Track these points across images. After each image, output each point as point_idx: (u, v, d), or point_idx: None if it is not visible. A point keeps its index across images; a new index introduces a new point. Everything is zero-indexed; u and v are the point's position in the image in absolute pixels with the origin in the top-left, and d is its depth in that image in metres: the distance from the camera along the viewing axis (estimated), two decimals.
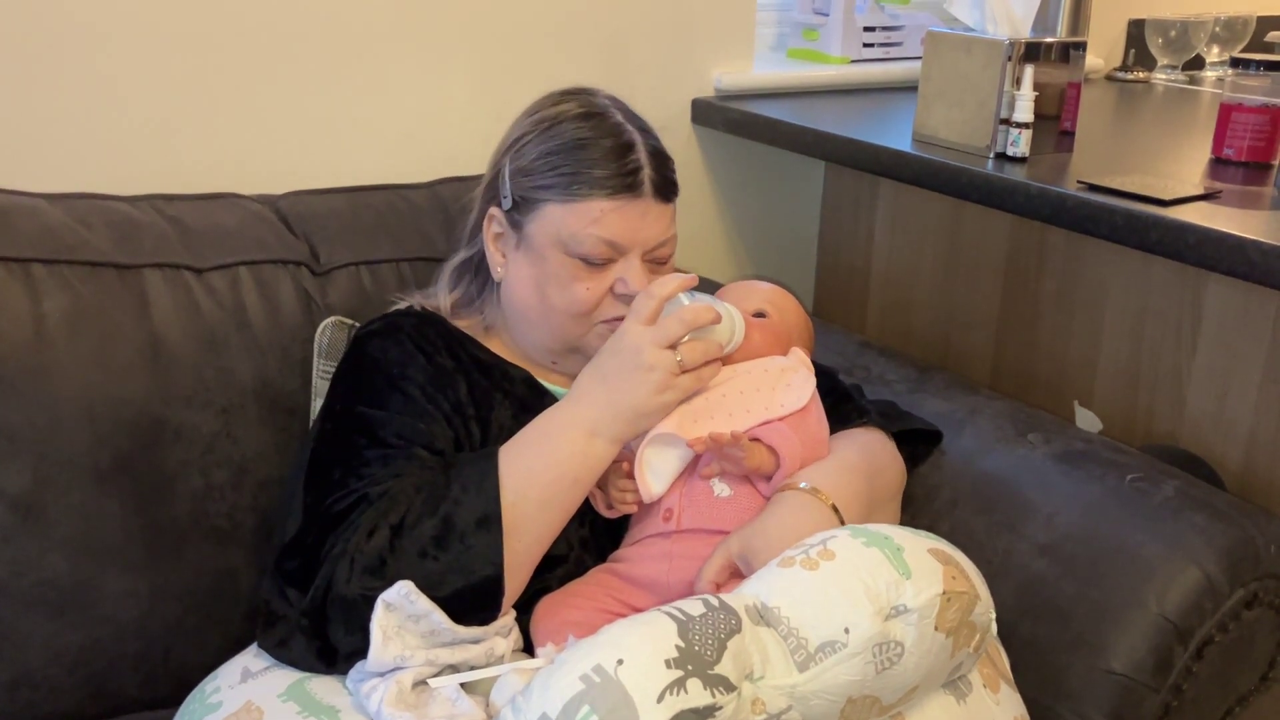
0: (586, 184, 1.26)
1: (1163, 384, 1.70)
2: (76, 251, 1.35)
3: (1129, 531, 1.28)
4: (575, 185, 1.26)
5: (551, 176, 1.27)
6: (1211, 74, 2.54)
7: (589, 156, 1.27)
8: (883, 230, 2.14)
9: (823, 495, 1.19)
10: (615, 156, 1.27)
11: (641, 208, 1.28)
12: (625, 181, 1.26)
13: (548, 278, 1.29)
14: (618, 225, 1.26)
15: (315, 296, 1.49)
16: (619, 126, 1.30)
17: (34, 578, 1.27)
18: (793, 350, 1.33)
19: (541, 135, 1.30)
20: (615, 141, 1.28)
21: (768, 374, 1.28)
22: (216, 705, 1.14)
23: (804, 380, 1.28)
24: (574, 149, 1.27)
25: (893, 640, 1.00)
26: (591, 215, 1.26)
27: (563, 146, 1.28)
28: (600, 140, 1.28)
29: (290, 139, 1.73)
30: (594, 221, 1.26)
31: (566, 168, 1.27)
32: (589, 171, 1.26)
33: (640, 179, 1.27)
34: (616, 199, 1.26)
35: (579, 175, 1.26)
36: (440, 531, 1.13)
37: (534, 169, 1.29)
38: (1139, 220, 1.45)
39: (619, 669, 0.91)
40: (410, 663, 1.08)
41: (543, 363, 1.36)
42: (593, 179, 1.26)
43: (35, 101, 1.56)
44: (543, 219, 1.28)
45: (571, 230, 1.26)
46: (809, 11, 2.33)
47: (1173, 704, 1.24)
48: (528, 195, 1.29)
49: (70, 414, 1.29)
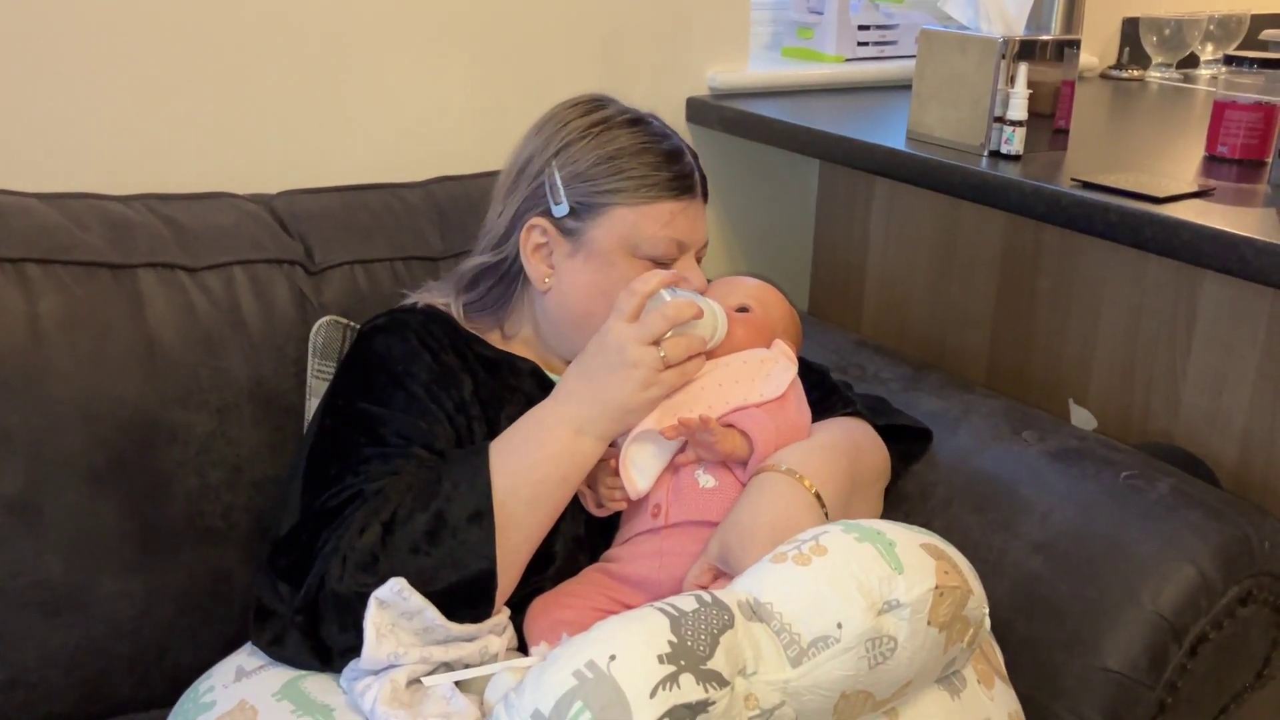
0: (657, 186, 1.29)
1: (1158, 382, 1.70)
2: (71, 251, 1.35)
3: (1124, 529, 1.29)
4: (644, 189, 1.29)
5: (620, 180, 1.29)
6: (1206, 72, 2.54)
7: (653, 160, 1.30)
8: (878, 229, 2.14)
9: (800, 476, 1.19)
10: (673, 160, 1.31)
11: (696, 208, 1.34)
12: (686, 184, 1.31)
13: (615, 282, 1.28)
14: (684, 225, 1.31)
15: (310, 296, 1.49)
16: (664, 130, 1.35)
17: (29, 578, 1.27)
18: (775, 342, 1.33)
19: (593, 141, 1.31)
20: (670, 145, 1.32)
21: (747, 365, 1.28)
22: (210, 704, 1.14)
23: (784, 370, 1.29)
24: (635, 153, 1.30)
25: (886, 635, 1.00)
26: (663, 217, 1.29)
27: (623, 151, 1.30)
28: (657, 144, 1.31)
29: (285, 138, 1.73)
30: (666, 224, 1.30)
31: (634, 171, 1.29)
32: (656, 174, 1.29)
33: (694, 181, 1.33)
34: (681, 200, 1.31)
35: (648, 178, 1.29)
36: (432, 527, 1.13)
37: (594, 174, 1.29)
38: (1133, 218, 1.45)
39: (612, 665, 0.91)
40: (404, 660, 1.08)
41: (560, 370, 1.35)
42: (662, 181, 1.29)
43: (29, 101, 1.56)
44: (610, 223, 1.29)
45: (646, 232, 1.29)
46: (804, 10, 2.33)
47: (1168, 701, 1.24)
48: (590, 200, 1.29)
49: (65, 414, 1.29)
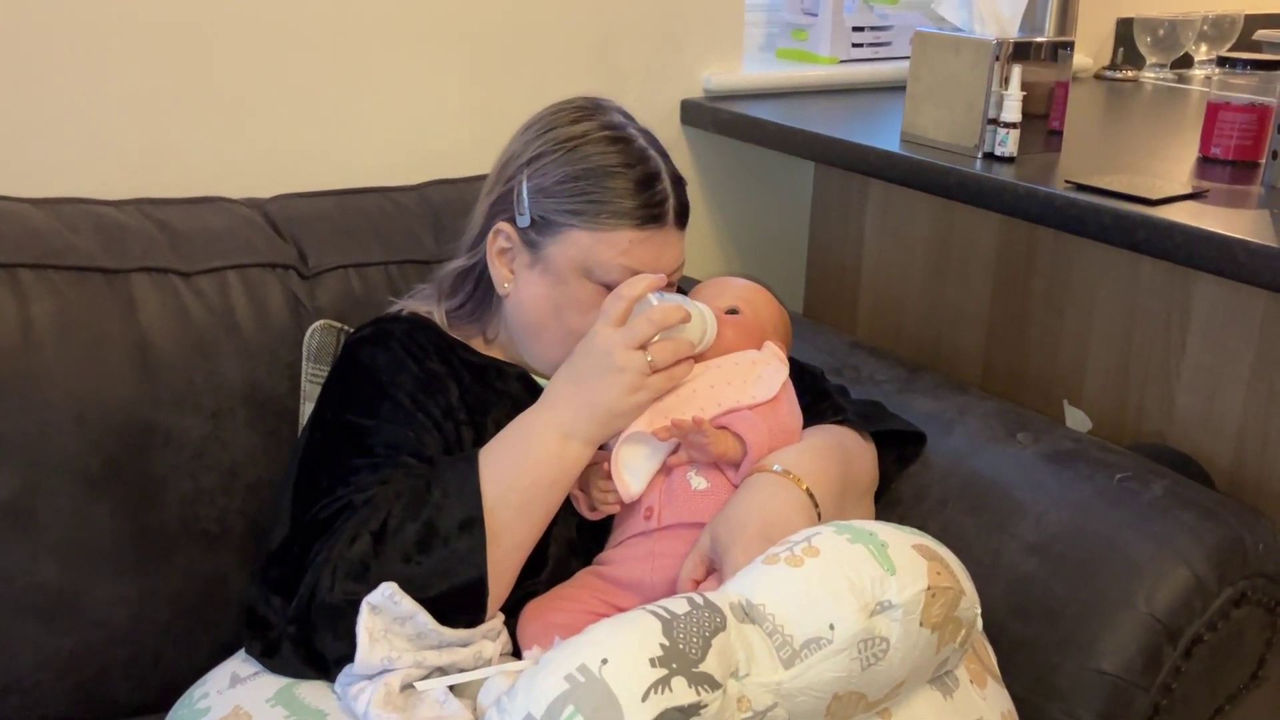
0: (616, 214, 1.24)
1: (1152, 383, 1.70)
2: (64, 256, 1.35)
3: (1118, 531, 1.29)
4: (604, 215, 1.24)
5: (579, 202, 1.25)
6: (1200, 73, 2.54)
7: (618, 185, 1.25)
8: (872, 230, 2.14)
9: (794, 476, 1.19)
10: (644, 187, 1.25)
11: (664, 237, 1.27)
12: (653, 213, 1.26)
13: (567, 301, 1.28)
14: (644, 255, 1.26)
15: (304, 300, 1.49)
16: (644, 153, 1.28)
17: (24, 583, 1.27)
18: (766, 344, 1.33)
19: (565, 156, 1.27)
20: (644, 171, 1.26)
21: (738, 367, 1.28)
22: (205, 710, 1.14)
23: (775, 372, 1.28)
24: (602, 176, 1.25)
25: (878, 636, 1.00)
26: (620, 246, 1.25)
27: (590, 172, 1.25)
28: (631, 169, 1.26)
29: (278, 142, 1.73)
30: (622, 252, 1.25)
31: (595, 195, 1.25)
32: (619, 201, 1.24)
33: (666, 209, 1.27)
34: (644, 230, 1.25)
35: (609, 205, 1.24)
36: (423, 536, 1.13)
37: (558, 191, 1.26)
38: (1126, 220, 1.45)
39: (603, 668, 0.91)
40: (398, 664, 1.08)
41: (544, 374, 1.34)
42: (623, 209, 1.24)
43: (21, 106, 1.56)
44: (566, 243, 1.26)
45: (599, 258, 1.25)
46: (798, 12, 2.33)
47: (1162, 703, 1.24)
48: (550, 217, 1.27)
49: (59, 419, 1.29)
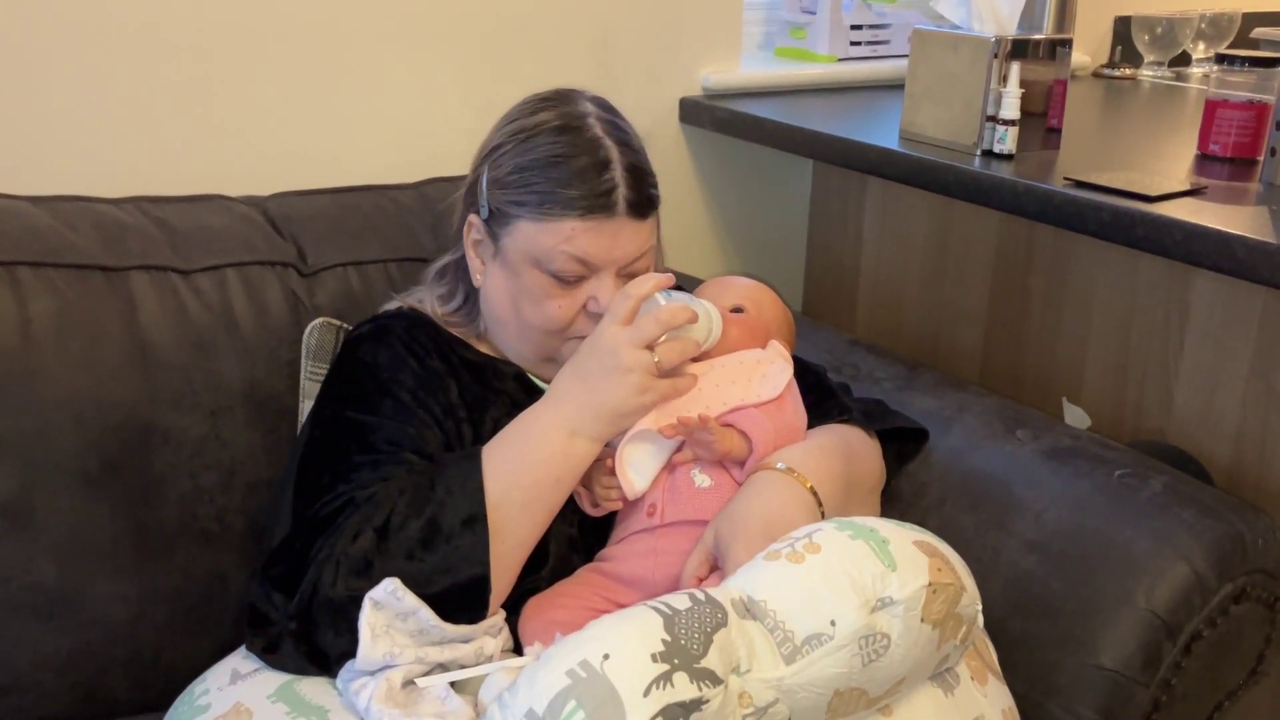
0: (559, 204, 1.23)
1: (1150, 380, 1.70)
2: (63, 254, 1.35)
3: (1117, 527, 1.29)
4: (548, 204, 1.23)
5: (525, 193, 1.25)
6: (1197, 70, 2.54)
7: (562, 175, 1.23)
8: (871, 228, 2.14)
9: (798, 475, 1.19)
10: (589, 176, 1.23)
11: (615, 227, 1.24)
12: (599, 202, 1.23)
13: (522, 292, 1.27)
14: (590, 244, 1.24)
15: (303, 298, 1.49)
16: (595, 142, 1.25)
17: (23, 582, 1.27)
18: (770, 342, 1.33)
19: (518, 147, 1.27)
20: (590, 159, 1.24)
21: (743, 365, 1.28)
22: (205, 707, 1.14)
23: (780, 371, 1.29)
24: (547, 166, 1.24)
25: (879, 632, 1.01)
26: (563, 234, 1.23)
27: (537, 162, 1.25)
28: (575, 158, 1.24)
29: (277, 140, 1.73)
30: (566, 240, 1.23)
31: (539, 185, 1.24)
32: (562, 191, 1.23)
33: (614, 199, 1.24)
34: (589, 219, 1.23)
35: (552, 194, 1.23)
36: (426, 533, 1.13)
37: (509, 183, 1.26)
38: (1125, 217, 1.45)
39: (605, 664, 0.91)
40: (399, 660, 1.08)
41: (515, 362, 1.35)
42: (565, 199, 1.23)
43: (19, 104, 1.55)
44: (516, 234, 1.26)
45: (544, 248, 1.24)
46: (796, 10, 2.34)
47: (1162, 699, 1.25)
48: (502, 209, 1.27)
49: (58, 418, 1.29)
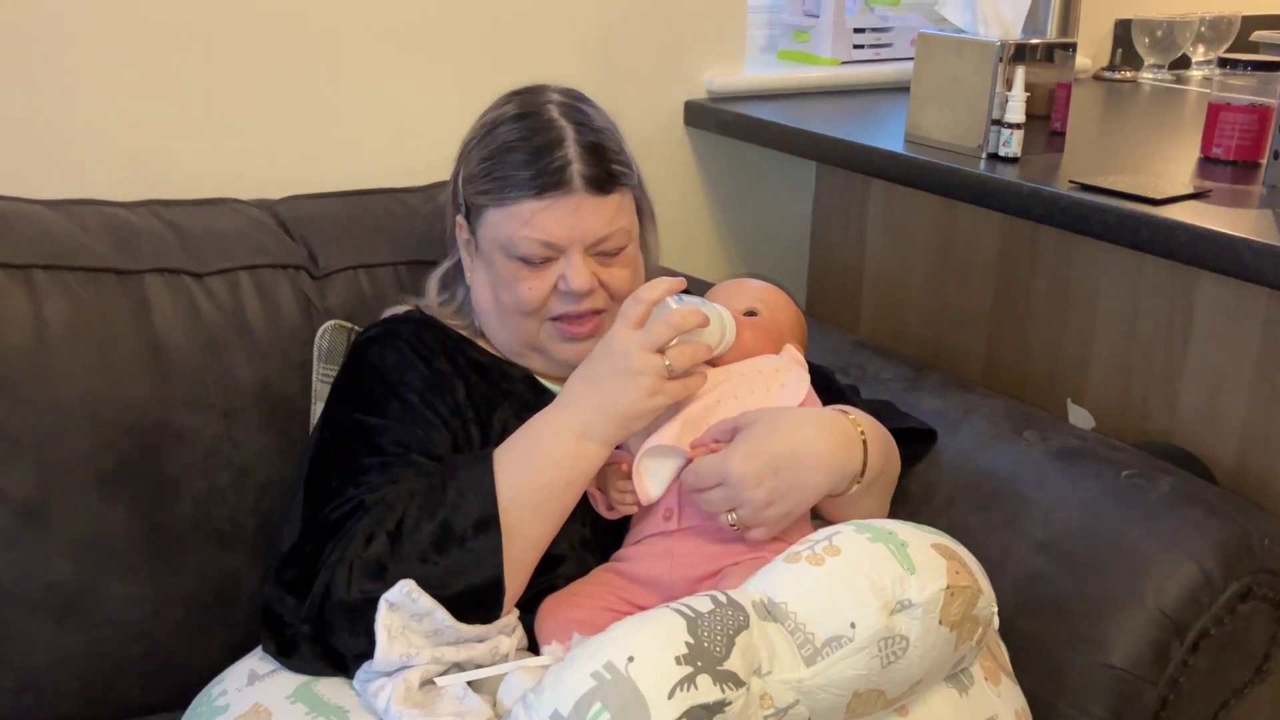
0: (515, 187, 1.25)
1: (1155, 381, 1.71)
2: (77, 257, 1.35)
3: (1125, 527, 1.30)
4: (507, 189, 1.26)
5: (488, 182, 1.28)
6: (1197, 73, 2.56)
7: (515, 159, 1.26)
8: (874, 230, 2.15)
9: (852, 416, 1.22)
10: (540, 155, 1.25)
11: (573, 204, 1.25)
12: (552, 179, 1.24)
13: (498, 280, 1.30)
14: (550, 223, 1.25)
15: (314, 300, 1.49)
16: (549, 124, 1.27)
17: (38, 582, 1.27)
18: (785, 348, 1.34)
19: (481, 142, 1.30)
20: (542, 140, 1.26)
21: (761, 375, 1.29)
22: (224, 708, 1.15)
23: (798, 378, 1.29)
24: (503, 153, 1.27)
25: (898, 635, 1.01)
26: (523, 217, 1.25)
27: (495, 152, 1.28)
28: (527, 141, 1.26)
29: (287, 144, 1.73)
30: (525, 223, 1.25)
31: (498, 172, 1.27)
32: (516, 174, 1.25)
33: (567, 175, 1.25)
34: (544, 198, 1.25)
35: (508, 179, 1.26)
36: (439, 536, 1.14)
37: (475, 175, 1.30)
38: (1131, 219, 1.47)
39: (630, 666, 0.92)
40: (416, 661, 1.09)
41: (517, 362, 1.36)
42: (519, 181, 1.25)
43: (34, 109, 1.56)
44: (486, 225, 1.29)
45: (508, 234, 1.26)
46: (799, 13, 2.34)
47: (1169, 697, 1.26)
48: (473, 202, 1.30)
49: (73, 419, 1.30)
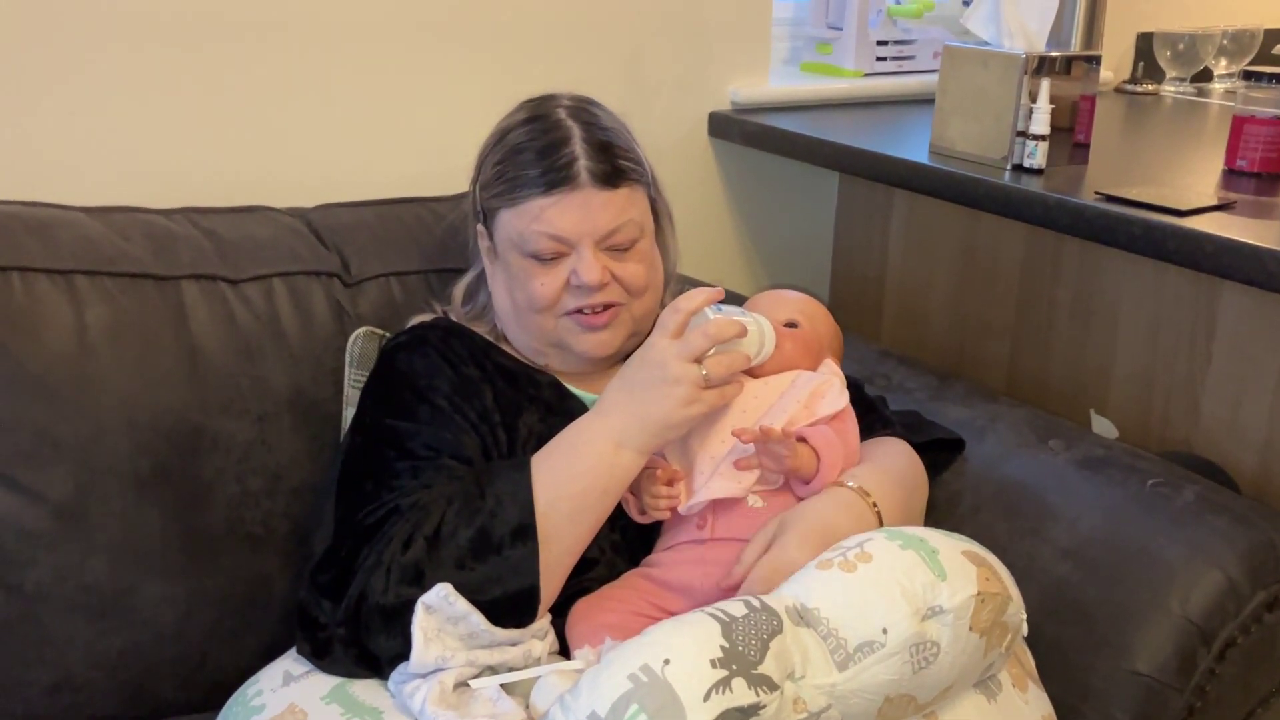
0: (524, 185, 1.28)
1: (1177, 391, 1.72)
2: (116, 263, 1.38)
3: (1151, 535, 1.30)
4: (517, 189, 1.29)
5: (499, 185, 1.31)
6: (1219, 86, 2.56)
7: (524, 159, 1.29)
8: (897, 240, 2.16)
9: (870, 497, 1.22)
10: (546, 154, 1.28)
11: (581, 198, 1.27)
12: (559, 175, 1.27)
13: (513, 280, 1.32)
14: (559, 219, 1.27)
15: (347, 307, 1.51)
16: (557, 123, 1.30)
17: (76, 583, 1.29)
18: (825, 363, 1.34)
19: (494, 148, 1.33)
20: (549, 139, 1.29)
21: (802, 390, 1.29)
22: (260, 708, 1.16)
23: (839, 393, 1.30)
24: (513, 154, 1.30)
25: (929, 640, 1.02)
26: (533, 214, 1.28)
27: (506, 155, 1.31)
28: (535, 141, 1.29)
29: (320, 154, 1.76)
30: (535, 219, 1.28)
31: (509, 174, 1.30)
32: (524, 173, 1.28)
33: (575, 170, 1.27)
34: (553, 194, 1.27)
35: (518, 179, 1.29)
36: (477, 543, 1.15)
37: (489, 181, 1.33)
38: (1157, 230, 1.47)
39: (666, 668, 0.94)
40: (451, 664, 1.10)
41: (539, 363, 1.38)
42: (528, 179, 1.28)
43: (74, 119, 1.59)
44: (500, 226, 1.32)
45: (519, 232, 1.29)
46: (822, 26, 2.35)
47: (1196, 705, 1.26)
48: (489, 207, 1.33)
49: (112, 422, 1.32)
